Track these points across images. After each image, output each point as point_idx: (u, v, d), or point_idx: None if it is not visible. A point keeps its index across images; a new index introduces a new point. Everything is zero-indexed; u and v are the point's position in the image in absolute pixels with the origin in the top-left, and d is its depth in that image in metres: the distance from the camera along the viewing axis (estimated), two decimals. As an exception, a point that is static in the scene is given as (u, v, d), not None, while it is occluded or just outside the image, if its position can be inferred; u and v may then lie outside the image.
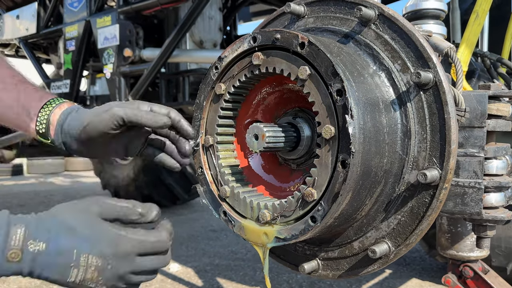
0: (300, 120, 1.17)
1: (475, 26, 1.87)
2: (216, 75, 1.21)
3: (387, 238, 1.08)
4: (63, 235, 0.79)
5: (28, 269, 0.77)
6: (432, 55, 1.03)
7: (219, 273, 3.42)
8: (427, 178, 0.98)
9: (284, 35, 1.05)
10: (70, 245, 0.79)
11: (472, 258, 2.00)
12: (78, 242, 0.80)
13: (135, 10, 3.98)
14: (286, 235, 1.05)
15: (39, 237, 0.77)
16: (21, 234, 0.76)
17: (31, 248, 0.76)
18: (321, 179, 1.00)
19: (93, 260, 0.80)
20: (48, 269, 0.78)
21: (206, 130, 1.24)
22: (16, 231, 0.77)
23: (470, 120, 1.18)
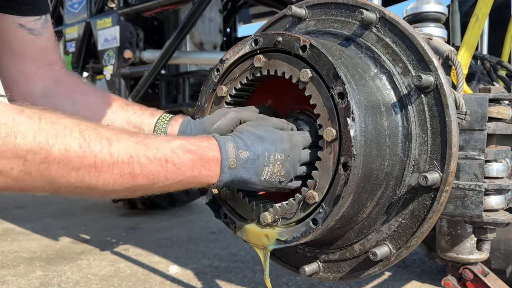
0: (301, 123, 1.17)
1: (475, 29, 1.87)
2: (217, 77, 1.21)
3: (388, 240, 1.08)
4: (257, 143, 1.01)
5: (238, 173, 0.99)
6: (433, 58, 1.03)
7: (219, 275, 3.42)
8: (428, 181, 0.99)
9: (286, 38, 1.06)
10: (262, 149, 1.00)
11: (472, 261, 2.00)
12: (267, 146, 1.01)
13: (136, 11, 3.98)
14: (287, 237, 1.05)
15: (242, 148, 0.99)
16: (233, 148, 0.98)
17: (241, 155, 0.98)
18: (322, 182, 1.00)
19: (277, 156, 1.01)
20: (249, 171, 1.00)
21: (207, 132, 1.24)
22: (229, 143, 0.99)
23: (471, 123, 1.18)
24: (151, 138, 0.92)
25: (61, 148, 0.77)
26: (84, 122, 0.84)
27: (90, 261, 3.73)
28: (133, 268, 3.56)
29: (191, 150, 0.94)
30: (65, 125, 0.80)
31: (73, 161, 0.79)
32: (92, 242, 4.28)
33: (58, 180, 0.79)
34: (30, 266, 3.59)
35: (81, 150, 0.79)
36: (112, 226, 4.96)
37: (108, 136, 0.84)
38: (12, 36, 1.24)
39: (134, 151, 0.86)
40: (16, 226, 4.94)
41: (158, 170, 0.89)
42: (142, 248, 4.10)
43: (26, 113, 0.76)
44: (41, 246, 4.14)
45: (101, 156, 0.81)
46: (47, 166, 0.77)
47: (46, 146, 0.75)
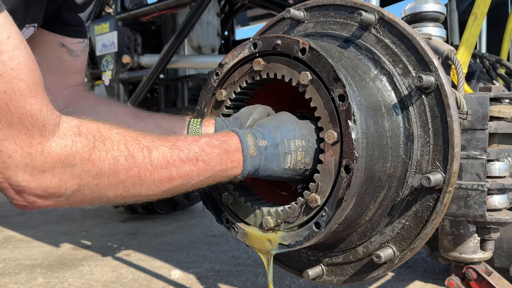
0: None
1: (474, 27, 1.87)
2: (217, 81, 1.21)
3: (391, 242, 1.07)
4: (274, 132, 1.03)
5: (259, 162, 1.01)
6: (433, 58, 1.03)
7: (221, 279, 3.41)
8: (431, 182, 0.98)
9: (285, 41, 1.05)
10: (281, 137, 1.03)
11: (475, 260, 2.00)
12: (285, 133, 1.03)
13: (133, 16, 3.98)
14: (290, 242, 1.04)
15: (260, 137, 1.02)
16: (251, 137, 1.02)
17: (260, 144, 1.01)
18: (324, 185, 0.99)
19: (298, 142, 1.03)
20: (271, 160, 1.02)
21: (208, 137, 1.24)
22: (247, 135, 1.02)
23: (472, 123, 1.18)
24: (181, 140, 0.97)
25: (110, 163, 0.85)
26: (128, 133, 0.91)
27: (92, 267, 3.72)
28: (135, 274, 3.55)
29: (216, 145, 0.99)
30: (113, 139, 0.87)
31: (120, 174, 0.87)
32: (93, 248, 4.27)
33: (106, 193, 0.88)
34: (31, 273, 3.58)
35: (127, 162, 0.87)
36: (113, 231, 4.94)
37: (147, 144, 0.91)
38: (51, 53, 1.26)
39: (170, 156, 0.93)
40: (17, 233, 4.92)
41: (192, 169, 0.96)
42: (144, 253, 4.08)
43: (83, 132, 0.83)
44: (43, 253, 4.13)
45: (144, 166, 0.89)
46: (98, 182, 0.85)
47: (98, 164, 0.84)
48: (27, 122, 0.76)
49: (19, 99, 0.75)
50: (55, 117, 0.81)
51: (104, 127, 0.88)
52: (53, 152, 0.79)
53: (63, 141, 0.80)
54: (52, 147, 0.79)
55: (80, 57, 1.32)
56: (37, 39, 1.18)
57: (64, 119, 0.83)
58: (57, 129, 0.80)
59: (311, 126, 1.07)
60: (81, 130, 0.83)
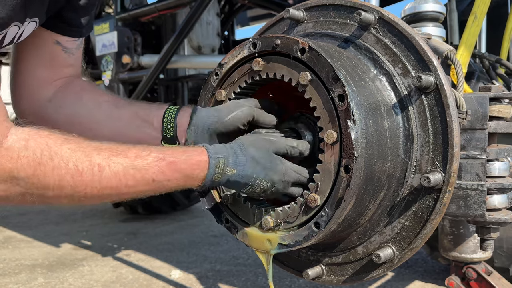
0: (302, 126, 1.16)
1: (474, 27, 1.87)
2: (216, 81, 1.21)
3: (391, 242, 1.07)
4: (249, 165, 1.02)
5: (218, 183, 1.03)
6: (433, 58, 1.03)
7: (221, 279, 3.41)
8: (430, 181, 0.98)
9: (284, 40, 1.05)
10: (252, 171, 1.03)
11: (475, 260, 2.00)
12: (258, 171, 1.03)
13: (133, 16, 3.98)
14: (290, 241, 1.04)
15: (233, 165, 1.02)
16: (222, 164, 1.01)
17: (228, 172, 1.01)
18: (324, 185, 0.99)
19: (263, 183, 1.04)
20: (231, 184, 1.04)
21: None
22: (219, 161, 1.01)
23: (472, 122, 1.18)
24: (141, 158, 0.95)
25: (55, 180, 0.87)
26: (81, 148, 0.90)
27: (92, 267, 3.72)
28: (135, 274, 3.55)
29: (179, 169, 0.98)
30: (62, 156, 0.87)
31: (66, 189, 0.89)
32: (93, 248, 4.27)
33: (52, 202, 0.91)
34: (32, 273, 3.58)
35: (73, 180, 0.88)
36: (113, 231, 4.94)
37: (100, 161, 0.91)
38: (46, 49, 1.27)
39: (123, 175, 0.93)
40: (18, 233, 4.92)
41: (145, 188, 0.97)
42: (144, 253, 4.08)
43: (31, 146, 0.84)
44: (43, 253, 4.13)
45: (92, 184, 0.90)
46: (43, 193, 0.88)
47: (43, 179, 0.85)
48: None
49: None
50: (4, 129, 0.82)
51: (55, 142, 0.88)
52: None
53: (8, 153, 0.82)
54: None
55: (74, 54, 1.32)
56: (32, 34, 1.19)
57: (13, 131, 0.84)
58: (5, 140, 0.82)
59: (287, 173, 1.06)
60: (28, 144, 0.84)
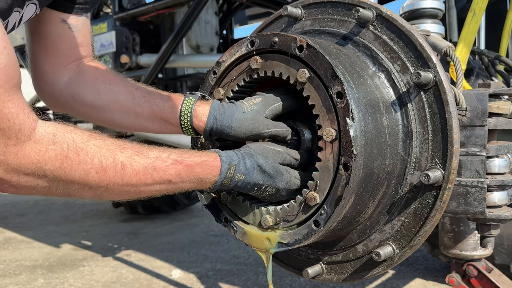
0: (300, 123, 1.16)
1: (473, 24, 1.86)
2: (214, 80, 1.20)
3: (391, 240, 1.07)
4: (257, 174, 1.07)
5: (227, 186, 1.07)
6: (432, 54, 1.02)
7: (222, 278, 3.40)
8: (430, 179, 0.98)
9: (282, 38, 1.04)
10: (258, 179, 1.07)
11: (475, 257, 1.99)
12: (265, 179, 1.08)
13: (131, 16, 3.97)
14: (289, 240, 1.04)
15: (241, 172, 1.06)
16: (233, 170, 1.05)
17: (237, 178, 1.06)
18: (323, 183, 0.99)
19: (269, 189, 1.09)
20: (238, 188, 1.09)
21: (206, 136, 1.23)
22: (231, 168, 1.05)
23: (471, 119, 1.17)
24: (160, 159, 1.00)
25: (81, 174, 0.90)
26: (106, 146, 0.94)
27: (92, 267, 3.72)
28: (135, 274, 3.55)
29: (195, 172, 1.03)
30: (88, 151, 0.90)
31: (90, 184, 0.92)
32: (94, 248, 4.27)
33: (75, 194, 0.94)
34: (32, 274, 3.58)
35: (97, 175, 0.91)
36: (113, 231, 4.94)
37: (123, 159, 0.95)
38: (53, 29, 1.27)
39: (143, 174, 0.97)
40: (18, 234, 4.92)
41: (161, 187, 1.02)
42: (144, 253, 4.08)
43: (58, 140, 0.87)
44: (43, 254, 4.13)
45: (114, 181, 0.93)
46: (68, 186, 0.91)
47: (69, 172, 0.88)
48: (3, 125, 0.79)
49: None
50: (32, 122, 0.84)
51: (81, 138, 0.91)
52: (27, 155, 0.83)
53: (37, 146, 0.84)
54: (26, 150, 0.83)
55: (81, 31, 1.32)
56: (39, 17, 1.19)
57: (41, 125, 0.86)
58: (33, 133, 0.84)
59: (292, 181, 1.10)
60: (56, 139, 0.87)
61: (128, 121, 1.32)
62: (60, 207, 6.36)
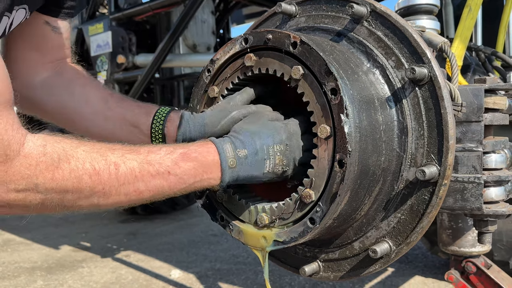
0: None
1: (469, 20, 1.86)
2: (208, 78, 1.20)
3: (387, 237, 1.06)
4: (254, 140, 1.02)
5: (238, 172, 1.00)
6: (426, 50, 1.02)
7: (221, 277, 3.40)
8: (425, 175, 0.97)
9: (276, 35, 1.04)
10: (260, 144, 1.02)
11: (474, 254, 1.99)
12: (264, 140, 1.02)
13: (127, 16, 3.96)
14: (285, 238, 1.03)
15: (240, 147, 1.01)
16: (230, 148, 1.00)
17: (240, 154, 1.00)
18: (318, 180, 0.98)
19: (276, 147, 1.03)
20: (250, 168, 1.02)
21: (201, 134, 1.22)
22: (226, 145, 1.01)
23: (467, 115, 1.17)
24: (153, 152, 0.96)
25: (74, 182, 0.86)
26: (95, 149, 0.91)
27: (91, 268, 3.71)
28: (135, 274, 3.54)
29: (192, 158, 0.98)
30: (78, 158, 0.87)
31: (84, 191, 0.88)
32: (93, 250, 4.26)
33: (71, 205, 0.90)
34: (31, 276, 3.57)
35: (91, 180, 0.88)
36: (112, 232, 4.94)
37: (115, 160, 0.91)
38: (35, 31, 1.27)
39: (139, 171, 0.93)
40: (16, 236, 4.91)
41: (162, 183, 0.96)
42: (144, 253, 4.08)
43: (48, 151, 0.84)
44: (42, 256, 4.12)
45: (109, 182, 0.90)
46: (62, 197, 0.87)
47: (62, 182, 0.85)
48: None
49: None
50: (20, 136, 0.82)
51: (70, 146, 0.88)
52: (17, 171, 0.81)
53: (27, 161, 0.82)
54: (16, 166, 0.81)
55: (63, 33, 1.32)
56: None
57: (30, 138, 0.84)
58: (22, 148, 0.82)
59: (290, 127, 1.06)
60: (46, 150, 0.84)
61: (96, 125, 1.29)
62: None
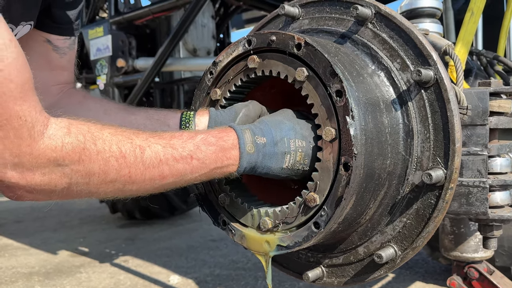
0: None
1: (471, 24, 1.85)
2: (211, 80, 1.18)
3: (393, 242, 1.05)
4: (274, 129, 1.01)
5: (257, 159, 0.99)
6: (432, 52, 1.01)
7: (220, 283, 3.37)
8: (432, 178, 0.95)
9: (280, 36, 1.03)
10: (281, 135, 1.01)
11: (476, 259, 1.97)
12: (285, 132, 1.01)
13: (127, 20, 3.96)
14: (289, 243, 1.02)
15: (259, 134, 1.00)
16: (249, 133, 0.99)
17: (258, 141, 0.99)
18: (323, 183, 0.97)
19: (298, 143, 1.01)
20: (269, 158, 1.00)
21: (203, 137, 1.21)
22: (245, 131, 1.00)
23: (472, 118, 1.15)
24: (176, 137, 0.96)
25: (101, 164, 0.85)
26: (120, 132, 0.89)
27: (89, 274, 3.68)
28: (133, 280, 3.51)
29: (212, 142, 0.97)
30: (104, 139, 0.86)
31: (111, 174, 0.86)
32: (91, 255, 4.23)
33: (96, 190, 0.88)
34: (28, 281, 3.54)
35: (118, 163, 0.86)
36: (111, 237, 4.90)
37: (140, 143, 0.90)
38: (36, 49, 1.24)
39: (163, 154, 0.92)
40: (14, 241, 4.88)
41: (185, 167, 0.95)
42: (142, 258, 4.04)
43: (73, 132, 0.82)
44: (40, 261, 4.09)
45: (135, 166, 0.88)
46: (88, 181, 0.85)
47: (89, 165, 0.83)
48: (16, 123, 0.75)
49: (8, 100, 0.74)
50: (44, 118, 0.80)
51: (95, 127, 0.86)
52: (42, 153, 0.78)
53: (52, 142, 0.79)
54: (41, 148, 0.78)
55: (67, 55, 1.29)
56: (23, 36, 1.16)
57: (53, 121, 0.82)
58: (46, 130, 0.79)
59: (312, 126, 1.04)
60: (71, 131, 0.82)
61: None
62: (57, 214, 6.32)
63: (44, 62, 1.25)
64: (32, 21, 1.10)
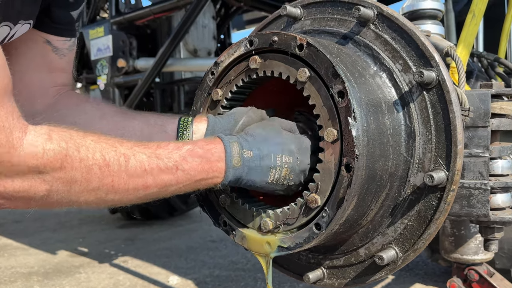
0: (301, 125, 1.13)
1: (472, 26, 1.85)
2: (212, 80, 1.18)
3: (394, 243, 1.04)
4: (261, 144, 1.01)
5: (242, 173, 0.99)
6: (434, 53, 1.00)
7: (220, 284, 3.37)
8: (434, 180, 0.95)
9: (282, 37, 1.02)
10: (268, 150, 1.00)
11: (477, 261, 1.97)
12: (273, 147, 1.01)
13: (128, 20, 3.96)
14: (290, 244, 1.01)
15: (247, 148, 1.00)
16: (237, 147, 0.99)
17: (245, 154, 0.99)
18: (324, 185, 0.96)
19: (285, 159, 1.01)
20: (254, 172, 1.00)
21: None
22: (233, 144, 0.99)
23: (474, 120, 1.15)
24: (161, 147, 0.95)
25: (83, 172, 0.83)
26: (103, 140, 0.87)
27: (89, 274, 3.67)
28: (132, 280, 3.51)
29: (199, 154, 0.97)
30: (88, 147, 0.84)
31: (93, 182, 0.84)
32: (90, 255, 4.23)
33: (77, 199, 0.86)
34: (27, 281, 3.53)
35: (101, 171, 0.84)
36: (110, 237, 4.90)
37: (125, 151, 0.88)
38: (35, 49, 1.22)
39: (148, 164, 0.90)
40: (14, 241, 4.87)
41: (169, 178, 0.94)
42: (142, 259, 4.04)
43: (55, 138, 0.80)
44: (39, 261, 4.08)
45: (119, 175, 0.86)
46: (69, 188, 0.83)
47: (70, 172, 0.81)
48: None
49: None
50: (22, 125, 0.78)
51: (77, 134, 0.85)
52: (22, 160, 0.77)
53: (33, 149, 0.78)
54: (22, 155, 0.77)
55: (66, 56, 1.28)
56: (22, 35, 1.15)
57: (32, 128, 0.80)
58: (25, 136, 0.78)
59: (302, 141, 1.04)
60: (52, 137, 0.81)
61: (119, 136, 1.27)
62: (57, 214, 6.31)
63: (43, 63, 1.24)
64: (31, 20, 1.09)
